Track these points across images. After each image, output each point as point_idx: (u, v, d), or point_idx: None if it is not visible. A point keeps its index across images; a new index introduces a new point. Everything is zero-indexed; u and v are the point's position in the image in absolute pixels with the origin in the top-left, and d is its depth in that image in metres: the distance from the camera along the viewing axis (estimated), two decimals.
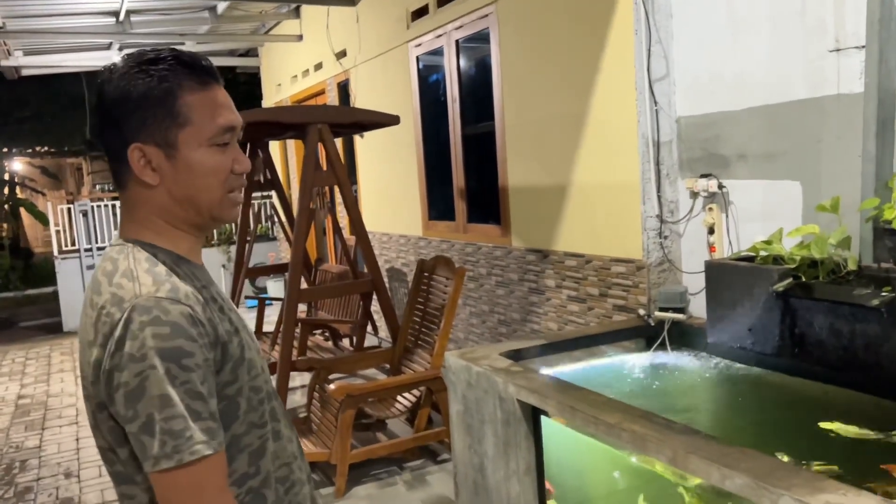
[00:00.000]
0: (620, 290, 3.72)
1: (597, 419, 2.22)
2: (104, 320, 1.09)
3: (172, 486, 1.06)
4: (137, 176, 1.17)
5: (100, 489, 4.11)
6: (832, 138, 2.84)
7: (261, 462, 1.20)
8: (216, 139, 1.18)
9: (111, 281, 1.13)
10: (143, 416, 1.04)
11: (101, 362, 1.08)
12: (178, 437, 1.04)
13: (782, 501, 1.64)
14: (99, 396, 1.11)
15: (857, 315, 2.34)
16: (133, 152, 1.15)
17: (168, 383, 1.04)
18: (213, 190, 1.20)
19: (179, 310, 1.08)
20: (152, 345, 1.05)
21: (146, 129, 1.15)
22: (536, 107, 4.19)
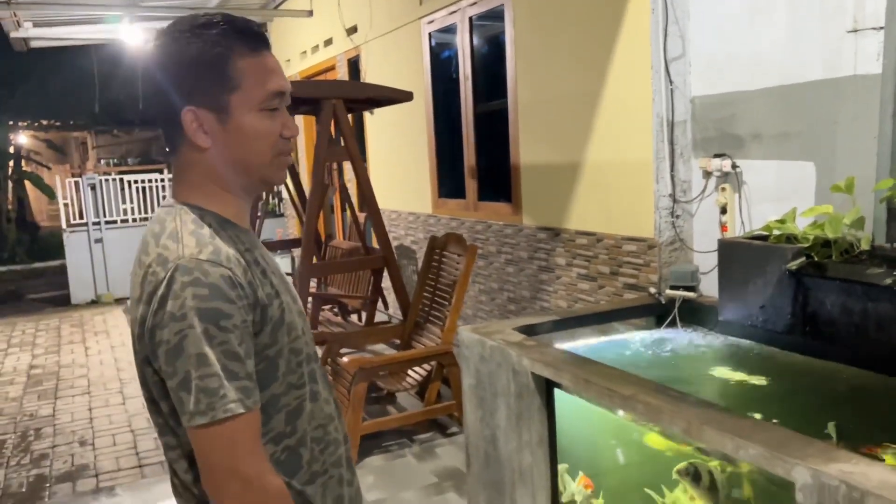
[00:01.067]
0: (631, 269, 3.75)
1: (612, 391, 2.26)
2: (150, 279, 1.13)
3: (206, 441, 1.10)
4: (190, 139, 1.20)
5: (114, 457, 4.18)
6: (848, 119, 2.86)
7: (297, 422, 1.24)
8: (266, 104, 1.21)
9: (158, 241, 1.16)
10: (182, 372, 1.09)
11: (145, 319, 1.13)
12: (213, 395, 1.08)
13: (796, 471, 1.68)
14: (144, 351, 1.16)
15: (870, 294, 2.37)
16: (186, 115, 1.18)
17: (205, 343, 1.08)
18: (263, 153, 1.22)
19: (219, 272, 1.12)
20: (192, 305, 1.08)
21: (199, 93, 1.18)
22: (550, 85, 4.20)
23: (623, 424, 2.54)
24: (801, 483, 1.67)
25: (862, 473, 1.60)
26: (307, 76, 8.35)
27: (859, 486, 1.54)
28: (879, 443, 2.03)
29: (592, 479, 2.72)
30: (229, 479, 1.11)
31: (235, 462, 1.10)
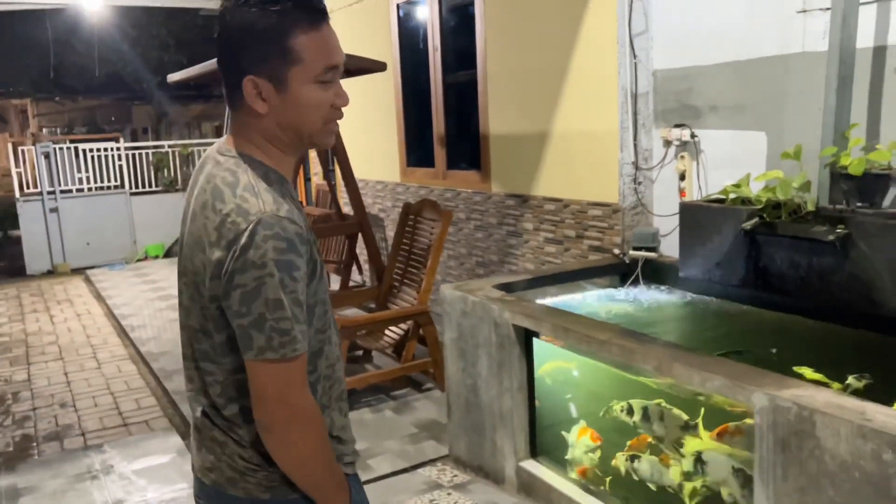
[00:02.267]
0: (596, 232, 4.01)
1: (589, 337, 2.51)
2: (229, 227, 1.23)
3: (271, 375, 1.24)
4: (248, 104, 1.29)
5: (98, 417, 4.30)
6: (796, 92, 3.14)
7: (318, 361, 1.38)
8: (322, 77, 1.29)
9: (235, 192, 1.26)
10: (256, 313, 1.21)
11: (223, 262, 1.23)
12: (285, 335, 1.22)
13: (755, 396, 1.95)
14: (214, 290, 1.27)
15: (815, 249, 2.66)
16: (247, 83, 1.27)
17: (281, 290, 1.21)
18: (315, 122, 1.32)
19: (295, 229, 1.24)
20: (273, 256, 1.20)
21: (260, 64, 1.26)
22: (519, 57, 4.39)
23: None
24: (759, 406, 1.94)
25: (810, 396, 1.87)
26: None
27: (808, 406, 1.82)
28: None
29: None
30: (282, 407, 1.26)
31: (288, 393, 1.26)
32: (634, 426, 2.63)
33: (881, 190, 2.71)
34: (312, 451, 1.32)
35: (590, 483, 2.79)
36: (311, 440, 1.31)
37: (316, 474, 1.35)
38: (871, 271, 2.49)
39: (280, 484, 1.35)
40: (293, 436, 1.28)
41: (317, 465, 1.34)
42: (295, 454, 1.30)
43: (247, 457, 1.35)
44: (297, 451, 1.30)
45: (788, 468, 1.88)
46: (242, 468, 1.36)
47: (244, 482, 1.36)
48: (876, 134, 2.87)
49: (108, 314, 6.81)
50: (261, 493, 1.36)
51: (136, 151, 10.32)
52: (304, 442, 1.30)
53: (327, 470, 1.36)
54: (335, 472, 1.39)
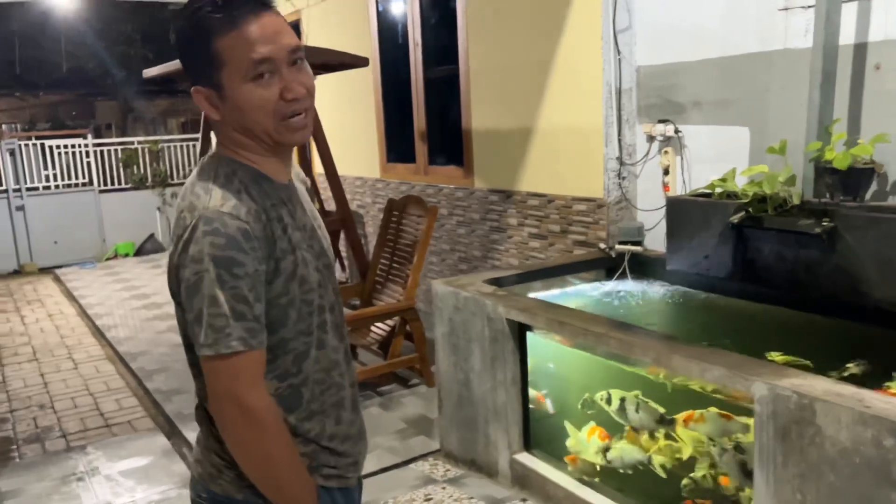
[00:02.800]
0: (581, 227, 4.05)
1: (586, 330, 2.54)
2: (179, 223, 1.27)
3: (213, 372, 1.25)
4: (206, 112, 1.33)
5: (79, 418, 4.23)
6: (778, 88, 3.20)
7: (303, 364, 1.36)
8: (253, 73, 1.25)
9: (192, 190, 1.29)
10: (196, 309, 1.23)
11: (173, 257, 1.28)
12: (219, 332, 1.22)
13: (755, 386, 2.00)
14: (172, 286, 1.31)
15: (802, 242, 2.72)
16: (195, 94, 1.30)
17: (217, 286, 1.21)
18: (264, 121, 1.28)
19: (237, 225, 1.23)
20: (209, 252, 1.21)
21: (197, 74, 1.29)
22: (503, 53, 4.41)
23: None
24: (759, 395, 1.98)
25: (809, 385, 1.92)
26: None
27: (808, 394, 1.87)
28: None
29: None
30: (229, 405, 1.25)
31: (236, 391, 1.24)
32: (614, 416, 2.71)
33: (864, 183, 2.79)
34: (266, 453, 1.28)
35: (584, 473, 2.83)
36: (264, 441, 1.27)
37: (273, 478, 1.31)
38: (856, 263, 2.56)
39: (252, 485, 1.33)
40: (244, 434, 1.27)
41: (272, 469, 1.30)
42: (247, 454, 1.29)
43: (222, 453, 1.35)
44: (250, 451, 1.28)
45: (789, 455, 1.93)
46: (218, 465, 1.37)
47: (221, 479, 1.37)
48: (857, 129, 2.95)
49: (82, 314, 6.69)
50: (235, 493, 1.36)
51: (105, 148, 10.14)
52: (257, 442, 1.27)
53: (287, 476, 1.32)
54: (299, 479, 1.34)
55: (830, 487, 1.84)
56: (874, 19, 2.85)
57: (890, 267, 2.46)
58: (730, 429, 2.35)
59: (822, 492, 1.86)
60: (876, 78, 2.88)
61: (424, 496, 3.06)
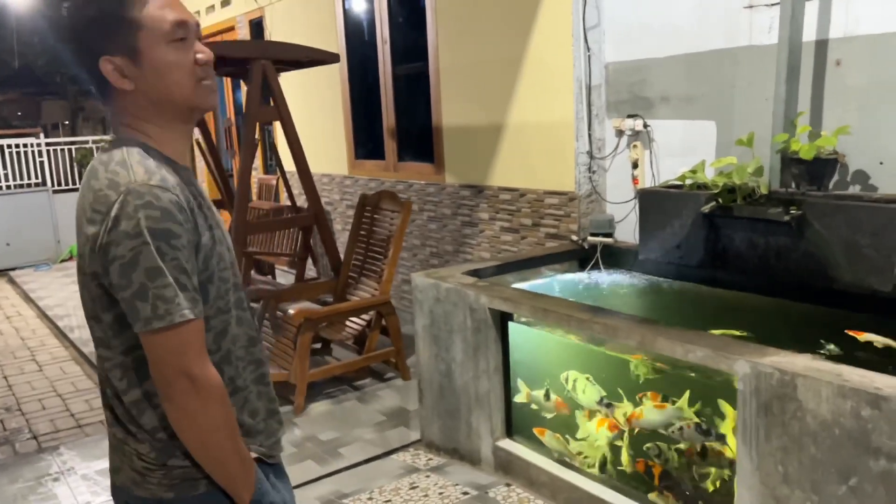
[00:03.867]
0: (552, 220, 4.13)
1: (570, 317, 2.61)
2: (101, 201, 1.23)
3: (162, 345, 1.23)
4: (114, 85, 1.30)
5: (48, 420, 4.15)
6: (744, 84, 3.33)
7: (222, 342, 1.36)
8: (172, 35, 1.29)
9: (107, 168, 1.26)
10: (137, 284, 1.20)
11: (97, 237, 1.23)
12: (169, 303, 1.21)
13: (737, 364, 2.09)
14: (93, 267, 1.26)
15: (771, 230, 2.84)
16: (104, 65, 1.28)
17: (159, 258, 1.21)
18: (184, 84, 1.31)
19: (169, 197, 1.23)
20: (146, 224, 1.20)
21: (109, 42, 1.27)
22: (473, 49, 4.47)
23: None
24: (742, 374, 2.07)
25: (789, 362, 2.02)
26: None
27: (789, 371, 1.96)
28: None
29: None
30: (179, 377, 1.24)
31: (185, 362, 1.24)
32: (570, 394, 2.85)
33: (829, 173, 2.92)
34: (214, 422, 1.29)
35: (563, 454, 2.90)
36: (211, 412, 1.28)
37: (218, 448, 1.31)
38: (824, 249, 2.68)
39: (182, 481, 1.34)
40: (193, 405, 1.26)
41: (219, 438, 1.30)
42: (196, 426, 1.28)
43: (144, 454, 1.34)
44: (198, 422, 1.28)
45: (771, 429, 2.02)
46: (141, 468, 1.34)
47: (146, 483, 1.34)
48: (819, 121, 3.08)
49: (41, 316, 6.54)
50: (164, 493, 1.34)
51: (58, 147, 9.91)
52: (206, 413, 1.27)
53: (229, 446, 1.33)
54: (240, 449, 1.35)
55: (812, 459, 1.94)
56: (834, 17, 2.98)
57: (855, 252, 2.58)
58: (672, 414, 2.47)
59: (804, 463, 1.96)
60: (836, 73, 3.01)
61: (409, 484, 3.09)
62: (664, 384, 2.53)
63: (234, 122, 8.03)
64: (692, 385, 2.44)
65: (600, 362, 2.77)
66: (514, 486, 2.99)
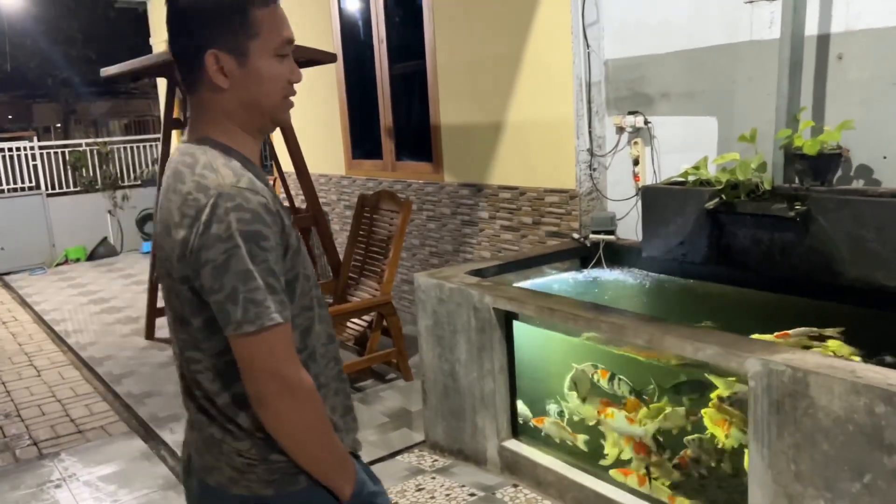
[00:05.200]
0: (553, 218, 4.12)
1: (576, 315, 2.59)
2: (190, 204, 1.24)
3: (253, 348, 1.23)
4: (210, 80, 1.31)
5: (48, 426, 4.11)
6: (744, 79, 3.31)
7: (308, 339, 1.37)
8: (280, 50, 1.34)
9: (193, 171, 1.27)
10: (229, 287, 1.21)
11: (187, 241, 1.23)
12: (259, 306, 1.21)
13: (748, 362, 2.07)
14: (183, 271, 1.26)
15: (776, 226, 2.83)
16: (209, 57, 1.29)
17: (249, 261, 1.21)
18: (274, 95, 1.35)
19: (258, 199, 1.24)
20: (237, 227, 1.21)
21: (222, 38, 1.29)
22: (471, 47, 4.45)
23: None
24: (753, 371, 2.06)
25: (801, 359, 2.01)
26: None
27: (802, 368, 1.95)
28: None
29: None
30: (271, 379, 1.25)
31: (276, 364, 1.25)
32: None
33: (832, 168, 2.91)
34: (307, 424, 1.30)
35: (572, 455, 2.89)
36: (304, 412, 1.29)
37: (314, 448, 1.33)
38: (830, 244, 2.67)
39: (281, 476, 1.34)
40: (285, 407, 1.27)
41: (314, 437, 1.32)
42: (290, 427, 1.29)
43: (244, 450, 1.34)
44: (292, 423, 1.29)
45: (783, 427, 2.01)
46: (241, 465, 1.34)
47: (245, 480, 1.34)
48: (821, 117, 3.07)
49: (38, 320, 6.49)
50: (263, 489, 1.34)
51: (51, 151, 9.84)
52: (299, 414, 1.28)
53: (326, 444, 1.34)
54: (336, 447, 1.37)
55: (825, 455, 1.93)
56: (835, 11, 2.97)
57: (861, 247, 2.58)
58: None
59: (816, 460, 1.95)
60: (838, 67, 3.00)
61: (415, 486, 3.08)
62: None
63: None
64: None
65: (607, 362, 2.76)
66: (522, 486, 2.98)
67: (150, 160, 10.53)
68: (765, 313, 2.96)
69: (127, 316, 6.27)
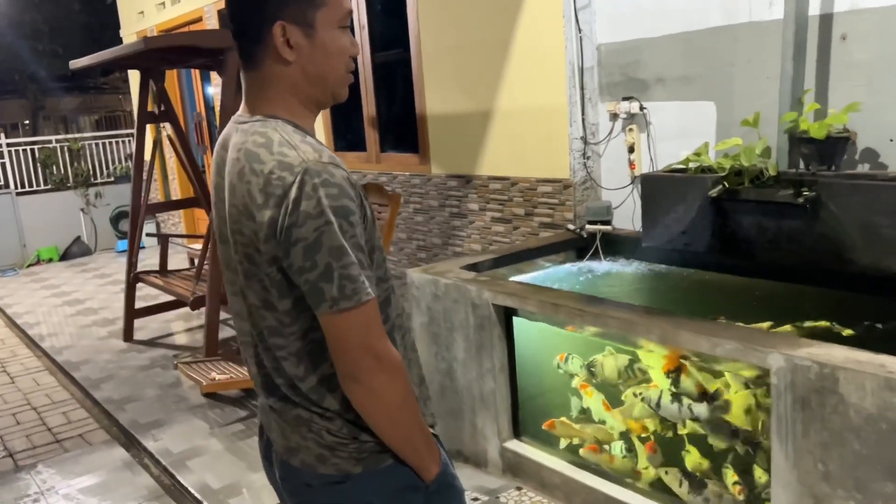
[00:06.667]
0: (546, 209, 4.00)
1: (583, 311, 2.48)
2: (275, 183, 1.19)
3: (348, 325, 1.21)
4: (276, 52, 1.27)
5: (24, 436, 3.93)
6: (743, 62, 3.21)
7: (388, 310, 1.36)
8: (344, 21, 1.32)
9: (271, 150, 1.23)
10: (322, 265, 1.18)
11: (276, 220, 1.19)
12: (355, 281, 1.19)
13: (771, 357, 1.97)
14: (272, 251, 1.22)
15: (784, 213, 2.73)
16: (276, 29, 1.26)
17: (342, 236, 1.18)
18: (338, 68, 1.33)
19: (341, 173, 1.22)
20: (327, 203, 1.18)
21: (289, 9, 1.26)
22: (458, 33, 4.30)
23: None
24: (776, 367, 1.96)
25: (827, 353, 1.90)
26: (166, 29, 7.88)
27: (829, 363, 1.85)
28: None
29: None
30: (365, 355, 1.23)
31: (370, 340, 1.23)
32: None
33: (839, 152, 2.82)
34: (400, 399, 1.29)
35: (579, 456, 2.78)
36: (397, 387, 1.28)
37: (405, 425, 1.31)
38: (840, 231, 2.57)
39: (370, 454, 1.32)
40: (380, 383, 1.25)
41: (405, 415, 1.30)
42: (383, 404, 1.27)
43: (335, 430, 1.32)
44: (386, 399, 1.27)
45: (809, 425, 1.91)
46: (331, 443, 1.32)
47: (334, 458, 1.32)
48: (824, 99, 2.98)
49: (10, 324, 6.27)
50: (352, 467, 1.32)
51: (20, 148, 9.55)
52: (393, 389, 1.27)
53: (415, 421, 1.33)
54: (423, 425, 1.36)
55: (855, 455, 1.83)
56: None
57: (874, 233, 2.48)
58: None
59: (846, 460, 1.85)
60: (842, 48, 2.91)
61: None
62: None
63: (204, 116, 7.77)
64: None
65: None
66: (526, 489, 2.86)
67: (124, 156, 10.26)
68: (775, 302, 2.87)
69: (104, 318, 6.06)
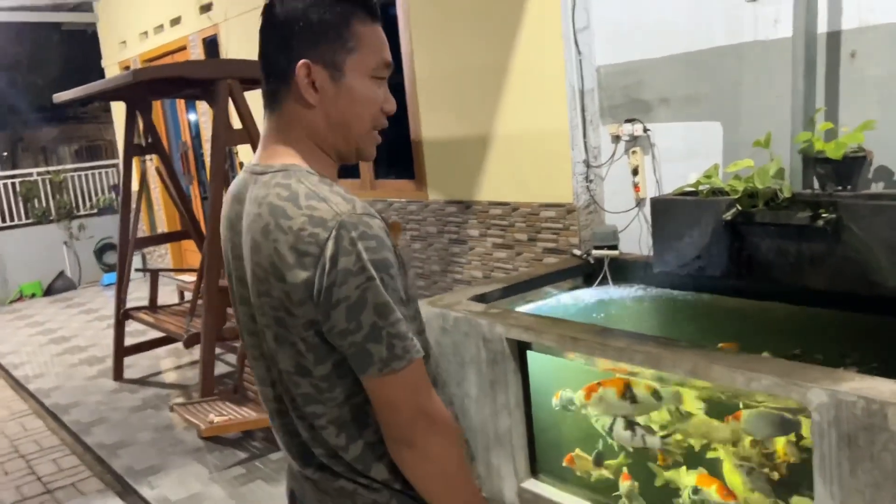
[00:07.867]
0: (550, 234, 3.91)
1: (604, 345, 2.37)
2: (307, 241, 1.10)
3: (399, 386, 1.13)
4: (299, 93, 1.19)
5: (12, 486, 3.76)
6: (750, 81, 3.15)
7: (429, 364, 1.27)
8: (377, 72, 1.24)
9: (298, 204, 1.13)
10: (367, 325, 1.10)
11: (311, 281, 1.10)
12: (404, 339, 1.12)
13: (812, 393, 1.87)
14: (308, 315, 1.13)
15: (804, 235, 2.65)
16: (301, 68, 1.18)
17: (385, 292, 1.11)
18: (364, 120, 1.25)
19: (378, 224, 1.14)
20: (367, 257, 1.09)
21: (317, 49, 1.19)
22: (453, 58, 4.23)
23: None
24: (818, 403, 1.86)
25: (871, 388, 1.81)
26: (149, 59, 7.78)
27: (877, 399, 1.75)
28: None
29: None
30: (418, 417, 1.15)
31: (421, 400, 1.16)
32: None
33: (856, 172, 2.75)
34: (456, 463, 1.21)
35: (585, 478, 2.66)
36: (453, 450, 1.20)
37: (462, 491, 1.23)
38: (865, 253, 2.50)
39: None
40: (435, 447, 1.17)
41: (461, 481, 1.22)
42: (440, 469, 1.19)
43: (382, 502, 1.24)
44: (442, 464, 1.19)
45: (857, 464, 1.81)
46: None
47: None
48: (835, 117, 2.92)
49: None
50: None
51: (0, 182, 9.37)
52: (448, 452, 1.19)
53: (471, 486, 1.25)
54: (477, 490, 1.27)
55: None
56: (846, 7, 2.83)
57: None
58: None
59: None
60: (852, 65, 2.85)
61: None
62: None
63: (190, 145, 7.66)
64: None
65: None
66: None
67: (107, 187, 10.09)
68: (802, 329, 2.78)
69: (92, 356, 5.88)
